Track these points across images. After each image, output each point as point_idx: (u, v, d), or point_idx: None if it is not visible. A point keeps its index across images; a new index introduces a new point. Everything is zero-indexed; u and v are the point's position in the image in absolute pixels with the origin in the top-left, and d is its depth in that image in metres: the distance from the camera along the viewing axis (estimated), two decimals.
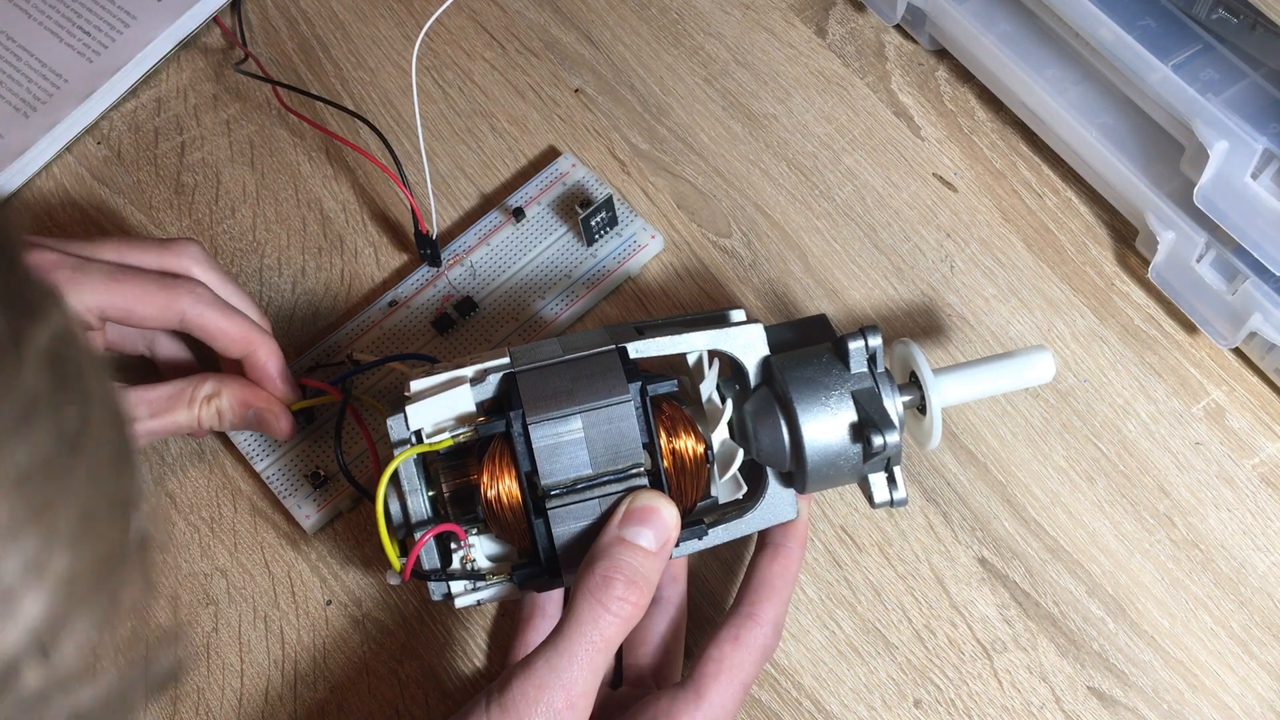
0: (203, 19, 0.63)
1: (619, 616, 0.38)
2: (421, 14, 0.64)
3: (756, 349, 0.43)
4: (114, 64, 0.62)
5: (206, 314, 0.48)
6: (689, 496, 0.43)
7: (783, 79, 0.61)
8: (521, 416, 0.40)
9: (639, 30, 0.63)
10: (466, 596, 0.42)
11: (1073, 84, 0.54)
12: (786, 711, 0.48)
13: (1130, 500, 0.50)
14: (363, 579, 0.51)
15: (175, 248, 0.49)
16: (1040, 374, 0.45)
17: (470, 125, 0.61)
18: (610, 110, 0.61)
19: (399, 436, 0.41)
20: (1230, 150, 0.47)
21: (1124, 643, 0.48)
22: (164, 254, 0.49)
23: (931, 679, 0.48)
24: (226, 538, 0.52)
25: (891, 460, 0.43)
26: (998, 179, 0.58)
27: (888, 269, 0.56)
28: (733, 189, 0.58)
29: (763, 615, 0.43)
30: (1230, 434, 0.51)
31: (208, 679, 0.49)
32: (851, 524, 0.51)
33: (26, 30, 0.63)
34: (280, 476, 0.52)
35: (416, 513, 0.42)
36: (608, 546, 0.39)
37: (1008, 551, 0.50)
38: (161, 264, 0.49)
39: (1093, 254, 0.56)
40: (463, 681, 0.49)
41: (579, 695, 0.37)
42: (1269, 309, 0.48)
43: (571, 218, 0.56)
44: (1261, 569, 0.49)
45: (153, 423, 0.48)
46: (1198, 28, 0.49)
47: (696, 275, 0.56)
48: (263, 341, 0.49)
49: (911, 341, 0.44)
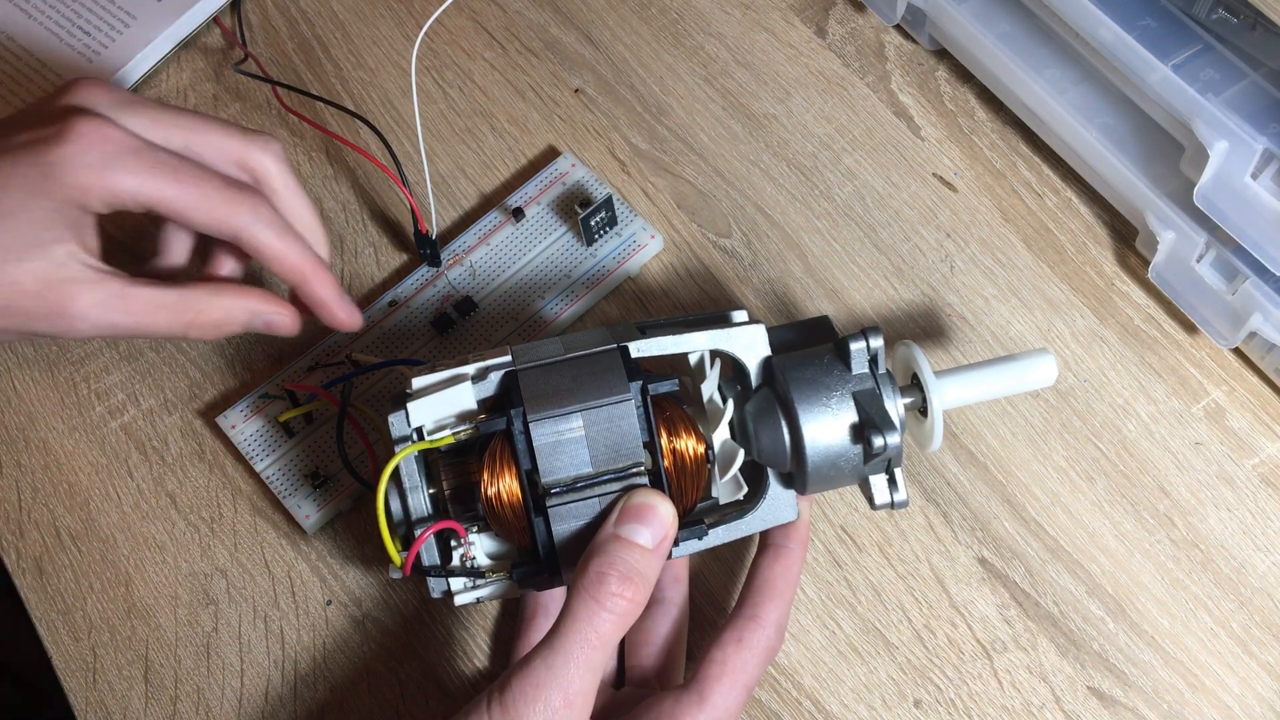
0: (203, 19, 0.63)
1: (614, 613, 0.38)
2: (421, 14, 0.64)
3: (758, 349, 0.43)
4: (114, 64, 0.62)
5: (264, 235, 0.45)
6: (689, 496, 0.43)
7: (783, 79, 0.61)
8: (522, 414, 0.40)
9: (639, 30, 0.63)
10: (466, 594, 0.42)
11: (1073, 84, 0.54)
12: (786, 711, 0.48)
13: (1130, 500, 0.50)
14: (363, 579, 0.51)
15: (257, 142, 0.46)
16: (1042, 377, 0.45)
17: (470, 125, 0.61)
18: (610, 110, 0.61)
19: (400, 433, 0.41)
20: (1230, 150, 0.47)
21: (1124, 643, 0.48)
22: (245, 146, 0.46)
23: (931, 679, 0.48)
24: (226, 538, 0.52)
25: (892, 462, 0.43)
26: (998, 179, 0.58)
27: (888, 269, 0.56)
28: (733, 189, 0.58)
29: (765, 617, 0.43)
30: (1230, 434, 0.51)
31: (208, 679, 0.49)
32: (851, 524, 0.51)
33: (26, 30, 0.63)
34: (280, 476, 0.52)
35: (417, 510, 0.42)
36: (603, 544, 0.39)
37: (1008, 551, 0.50)
38: (238, 156, 0.46)
39: (1093, 254, 0.56)
40: (463, 681, 0.49)
41: (576, 693, 0.37)
42: (1269, 309, 0.48)
43: (571, 218, 0.56)
44: (1261, 569, 0.49)
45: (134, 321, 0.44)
46: (1198, 28, 0.49)
47: (696, 275, 0.56)
48: (315, 273, 0.46)
49: (913, 343, 0.44)
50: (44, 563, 0.52)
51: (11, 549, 0.52)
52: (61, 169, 0.42)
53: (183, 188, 0.43)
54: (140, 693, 0.49)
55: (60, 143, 0.42)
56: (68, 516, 0.53)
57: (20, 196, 0.42)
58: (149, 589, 0.51)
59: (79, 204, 0.43)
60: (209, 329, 0.46)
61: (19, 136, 0.43)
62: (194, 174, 0.44)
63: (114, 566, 0.52)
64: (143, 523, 0.52)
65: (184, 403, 0.55)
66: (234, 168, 0.46)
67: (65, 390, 0.55)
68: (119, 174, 0.42)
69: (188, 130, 0.45)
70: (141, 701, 0.49)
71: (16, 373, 0.56)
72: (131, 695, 0.49)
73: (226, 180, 0.45)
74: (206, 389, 0.55)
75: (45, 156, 0.42)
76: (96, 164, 0.42)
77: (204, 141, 0.46)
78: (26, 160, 0.42)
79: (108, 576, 0.51)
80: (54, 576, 0.51)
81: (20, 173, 0.42)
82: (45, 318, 0.43)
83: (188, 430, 0.54)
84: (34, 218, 0.42)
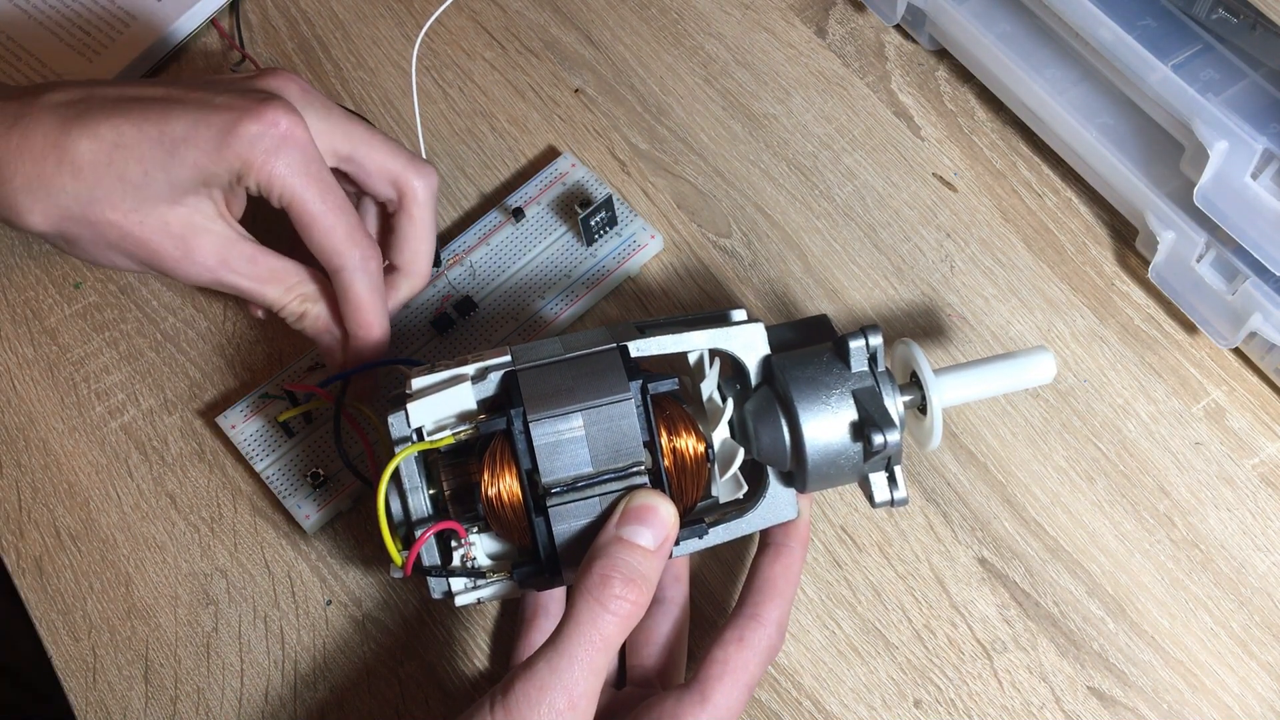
0: (202, 19, 0.63)
1: (618, 615, 0.38)
2: (421, 14, 0.64)
3: (757, 348, 0.43)
4: (114, 64, 0.62)
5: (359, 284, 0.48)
6: (689, 495, 0.43)
7: (783, 79, 0.61)
8: (522, 414, 0.40)
9: (639, 30, 0.63)
10: (466, 595, 0.42)
11: (1073, 84, 0.54)
12: (786, 711, 0.48)
13: (1130, 500, 0.50)
14: (363, 579, 0.51)
15: (416, 167, 0.51)
16: (1041, 375, 0.45)
17: (470, 125, 0.61)
18: (610, 110, 0.61)
19: (399, 434, 0.41)
20: (1230, 150, 0.47)
21: (1124, 643, 0.48)
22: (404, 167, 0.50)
23: (931, 679, 0.48)
24: (226, 538, 0.52)
25: (892, 459, 0.43)
26: (998, 179, 0.58)
27: (888, 269, 0.56)
28: (733, 189, 0.58)
29: (767, 616, 0.43)
30: (1230, 434, 0.51)
31: (208, 679, 0.49)
32: (851, 524, 0.51)
33: (26, 30, 0.63)
34: (280, 476, 0.52)
35: (417, 510, 0.42)
36: (605, 546, 0.39)
37: (1008, 551, 0.50)
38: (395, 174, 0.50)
39: (1093, 254, 0.56)
40: (463, 682, 0.49)
41: (580, 695, 0.37)
42: (1269, 309, 0.48)
43: (571, 217, 0.56)
44: (1261, 569, 0.49)
45: (245, 282, 0.48)
46: (1198, 28, 0.49)
47: (696, 275, 0.56)
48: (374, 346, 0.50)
49: (912, 342, 0.44)
50: (44, 563, 0.52)
51: (11, 549, 0.52)
52: (239, 141, 0.45)
53: (325, 206, 0.47)
54: (140, 693, 0.49)
55: (254, 118, 0.45)
56: (68, 516, 0.53)
57: (196, 151, 0.46)
58: (149, 589, 0.51)
59: (239, 175, 0.46)
60: (298, 321, 0.50)
61: (220, 98, 0.46)
62: (339, 201, 0.47)
63: (114, 566, 0.52)
64: (143, 523, 0.52)
65: (184, 403, 0.55)
66: (388, 184, 0.50)
67: (65, 390, 0.55)
68: (284, 167, 0.46)
69: (359, 140, 0.49)
70: (141, 701, 0.49)
71: (16, 373, 0.56)
72: (131, 695, 0.49)
73: (359, 222, 0.48)
74: (206, 389, 0.55)
75: (233, 125, 0.45)
76: (272, 149, 0.46)
77: (369, 154, 0.50)
78: (218, 122, 0.46)
79: (108, 576, 0.51)
80: (54, 576, 0.51)
81: (207, 131, 0.46)
82: (174, 259, 0.47)
83: (188, 430, 0.54)
84: (200, 173, 0.46)
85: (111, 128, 0.45)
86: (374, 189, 0.50)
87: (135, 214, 0.46)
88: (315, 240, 0.47)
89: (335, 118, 0.49)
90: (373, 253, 0.48)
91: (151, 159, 0.45)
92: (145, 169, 0.45)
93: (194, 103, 0.46)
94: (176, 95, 0.47)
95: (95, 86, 0.47)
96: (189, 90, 0.47)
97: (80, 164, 0.45)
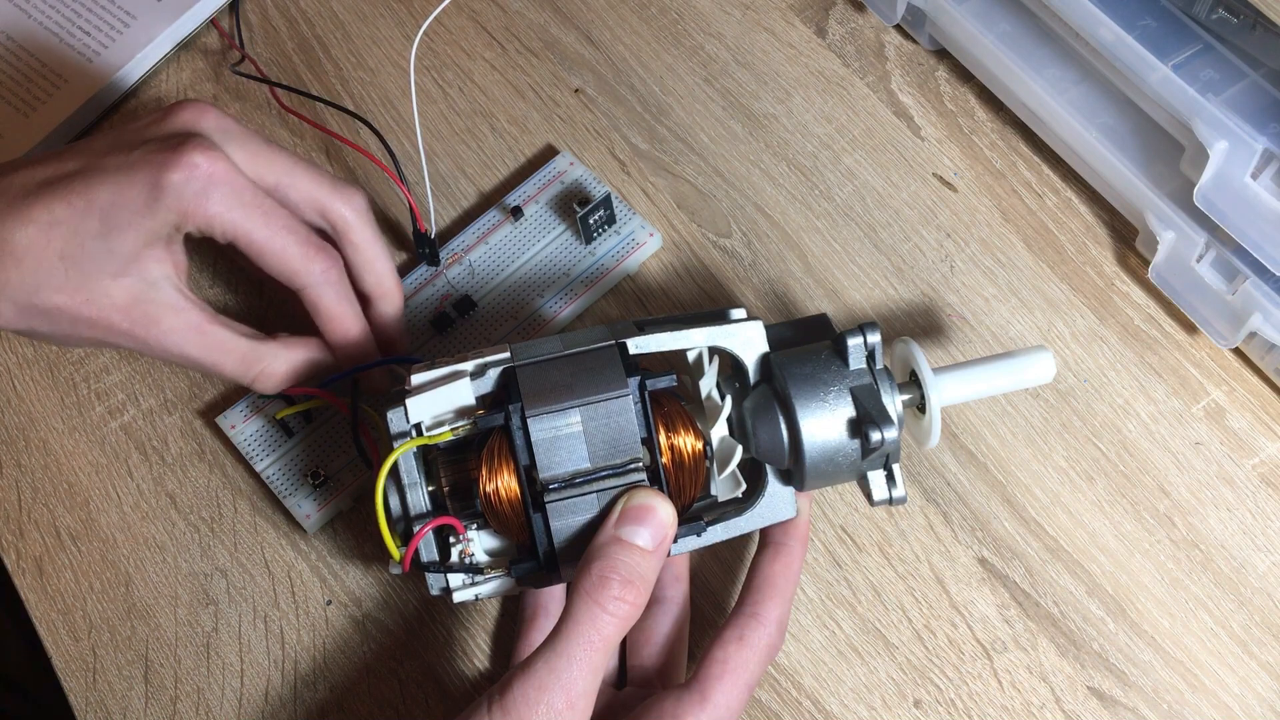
0: (202, 19, 0.63)
1: (616, 616, 0.38)
2: (421, 14, 0.64)
3: (756, 346, 0.43)
4: (114, 64, 0.62)
5: (326, 296, 0.47)
6: (687, 493, 0.43)
7: (783, 79, 0.61)
8: (520, 410, 0.40)
9: (639, 30, 0.63)
10: (464, 591, 0.42)
11: (1073, 84, 0.54)
12: (786, 711, 0.48)
13: (1130, 500, 0.50)
14: (363, 579, 0.51)
15: (341, 194, 0.49)
16: (1040, 374, 0.45)
17: (470, 125, 0.61)
18: (610, 110, 0.61)
19: (398, 429, 0.41)
20: (1230, 150, 0.47)
21: (1124, 643, 0.48)
22: (329, 196, 0.48)
23: (931, 679, 0.48)
24: (226, 538, 0.52)
25: (890, 457, 0.43)
26: (998, 179, 0.58)
27: (888, 269, 0.56)
28: (733, 189, 0.58)
29: (767, 615, 0.43)
30: (1230, 434, 0.51)
31: (208, 679, 0.49)
32: (851, 524, 0.51)
33: (26, 30, 0.63)
34: (280, 476, 0.52)
35: (416, 506, 0.42)
36: (604, 546, 0.39)
37: (1008, 551, 0.50)
38: (321, 205, 0.48)
39: (1093, 254, 0.56)
40: (463, 681, 0.49)
41: (579, 695, 0.37)
42: (1269, 309, 0.48)
43: (570, 216, 0.56)
44: (1261, 569, 0.49)
45: (195, 353, 0.47)
46: (1198, 28, 0.49)
47: (696, 275, 0.56)
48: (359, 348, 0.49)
49: (911, 340, 0.44)
50: (44, 563, 0.52)
51: (11, 549, 0.52)
52: (170, 192, 0.44)
53: (270, 232, 0.46)
54: (140, 693, 0.49)
55: (174, 167, 0.44)
56: (68, 516, 0.53)
57: (128, 213, 0.44)
58: (149, 589, 0.51)
59: (176, 225, 0.45)
60: (271, 383, 0.49)
61: (135, 154, 0.45)
62: (283, 222, 0.46)
63: (114, 566, 0.52)
64: (143, 523, 0.52)
65: (184, 403, 0.55)
66: (316, 215, 0.49)
67: (65, 390, 0.55)
68: (219, 205, 0.45)
69: (281, 171, 0.48)
70: (141, 701, 0.49)
71: (16, 373, 0.56)
72: (131, 695, 0.49)
73: (309, 236, 0.47)
74: (206, 389, 0.55)
75: (158, 177, 0.44)
76: (201, 192, 0.44)
77: (292, 185, 0.48)
78: (141, 178, 0.44)
79: (108, 576, 0.51)
80: (54, 576, 0.51)
81: (132, 190, 0.44)
82: (127, 333, 0.46)
83: (188, 430, 0.54)
84: (139, 235, 0.44)
85: (44, 208, 0.44)
86: (303, 218, 0.48)
87: (80, 293, 0.45)
88: (270, 266, 0.47)
89: (254, 147, 0.47)
90: (330, 262, 0.47)
91: (87, 231, 0.44)
92: (82, 242, 0.44)
93: (112, 167, 0.45)
94: (94, 163, 0.45)
95: (11, 173, 0.46)
96: (103, 155, 0.45)
97: (19, 253, 0.44)
